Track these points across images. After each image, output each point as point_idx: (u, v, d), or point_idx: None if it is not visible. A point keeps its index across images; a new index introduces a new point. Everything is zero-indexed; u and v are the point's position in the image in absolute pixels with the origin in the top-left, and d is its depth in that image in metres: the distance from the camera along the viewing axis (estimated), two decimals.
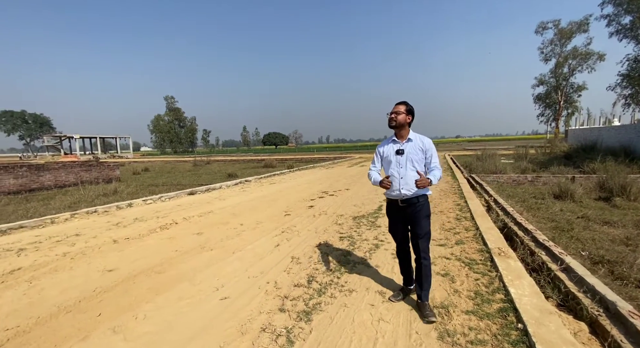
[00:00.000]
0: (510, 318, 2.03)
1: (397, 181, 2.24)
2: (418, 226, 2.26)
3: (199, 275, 3.09)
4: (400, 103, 2.28)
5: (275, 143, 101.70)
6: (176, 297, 2.65)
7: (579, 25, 30.41)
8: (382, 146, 2.41)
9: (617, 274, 3.15)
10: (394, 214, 2.39)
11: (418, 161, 2.24)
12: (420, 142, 2.28)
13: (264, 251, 3.73)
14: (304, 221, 5.14)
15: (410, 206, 2.25)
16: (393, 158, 2.29)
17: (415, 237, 2.30)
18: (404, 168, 2.24)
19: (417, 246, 2.28)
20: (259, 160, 24.92)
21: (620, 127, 15.85)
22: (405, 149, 2.25)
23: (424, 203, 2.27)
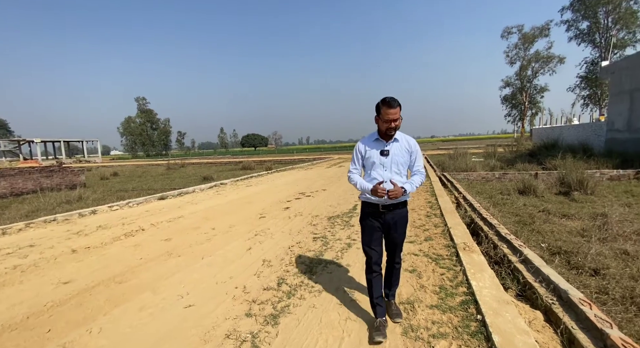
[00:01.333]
0: (471, 310, 2.09)
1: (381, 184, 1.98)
2: (398, 234, 2.07)
3: (163, 283, 2.95)
4: (395, 104, 1.89)
5: (255, 144, 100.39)
6: (137, 308, 2.51)
7: (541, 30, 32.47)
8: (364, 145, 2.08)
9: (572, 264, 3.34)
10: (372, 221, 2.07)
11: (403, 164, 2.02)
12: (407, 143, 2.04)
13: (235, 255, 3.62)
14: (278, 223, 5.06)
15: (391, 213, 2.02)
16: (377, 159, 2.00)
17: (393, 245, 2.12)
18: (388, 171, 1.99)
19: (394, 253, 2.14)
20: (237, 162, 24.44)
21: (579, 126, 17.03)
22: (390, 150, 2.00)
23: (405, 209, 2.10)
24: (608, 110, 13.50)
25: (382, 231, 2.08)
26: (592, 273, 3.12)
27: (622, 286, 2.70)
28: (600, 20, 25.88)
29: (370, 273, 2.10)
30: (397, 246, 2.12)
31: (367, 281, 2.13)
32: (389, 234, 2.09)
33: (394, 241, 2.11)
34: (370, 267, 2.10)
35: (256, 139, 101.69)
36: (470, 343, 1.80)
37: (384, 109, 1.90)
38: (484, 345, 1.77)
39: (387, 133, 1.97)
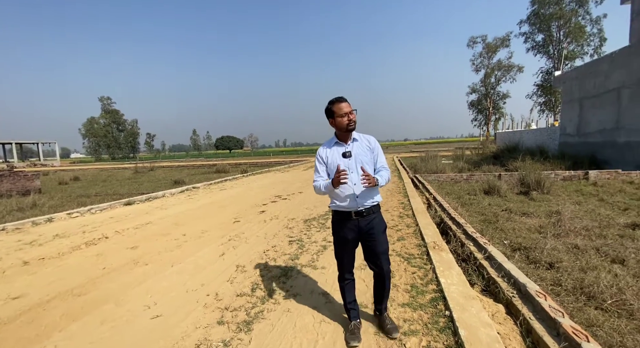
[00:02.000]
0: (440, 306, 2.18)
1: (350, 190, 1.88)
2: (377, 243, 1.92)
3: (128, 293, 2.78)
4: (344, 99, 1.90)
5: (229, 147, 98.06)
6: (97, 321, 2.34)
7: (502, 40, 34.83)
8: (324, 151, 1.99)
9: (531, 259, 3.59)
10: (345, 231, 1.94)
11: (368, 163, 1.93)
12: (366, 140, 1.98)
13: (207, 261, 3.50)
14: (253, 227, 4.97)
15: (365, 219, 1.90)
16: (340, 163, 1.90)
17: (375, 255, 1.95)
18: (355, 173, 1.88)
19: (379, 264, 1.96)
20: (211, 165, 23.73)
21: (537, 131, 18.41)
22: (352, 151, 1.91)
23: (380, 213, 1.99)
24: (561, 116, 14.72)
25: (357, 241, 1.99)
26: (547, 266, 3.36)
27: (573, 278, 2.93)
28: (553, 34, 28.27)
29: (342, 281, 2.08)
30: (379, 256, 1.94)
31: (340, 288, 2.12)
32: (367, 244, 1.96)
33: (374, 251, 1.94)
34: (342, 275, 2.08)
35: (231, 141, 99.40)
36: (439, 339, 1.88)
37: (335, 106, 1.89)
38: (451, 339, 1.85)
39: (348, 128, 1.88)
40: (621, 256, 3.33)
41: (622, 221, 4.71)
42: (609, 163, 10.66)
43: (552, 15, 27.05)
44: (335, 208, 1.99)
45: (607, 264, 3.18)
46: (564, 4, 26.67)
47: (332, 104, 1.92)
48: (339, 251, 2.05)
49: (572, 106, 13.24)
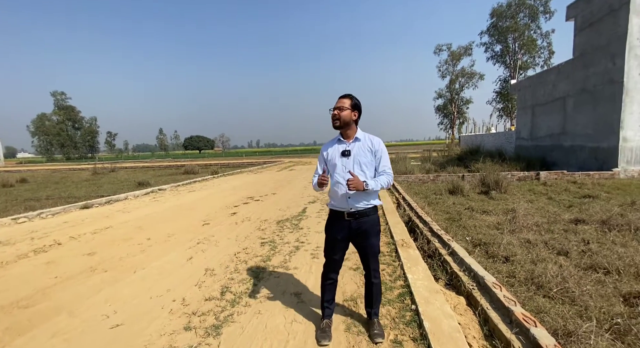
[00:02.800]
0: (407, 301, 2.28)
1: (344, 189, 1.84)
2: (368, 245, 1.92)
3: (84, 303, 2.58)
4: (344, 96, 1.90)
5: (199, 147, 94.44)
6: (48, 335, 2.15)
7: (465, 49, 37.05)
8: (327, 147, 2.01)
9: (490, 253, 3.85)
10: (336, 230, 1.95)
11: (367, 164, 1.89)
12: (369, 142, 1.93)
13: (174, 266, 3.35)
14: (224, 229, 4.84)
15: (358, 221, 1.88)
16: (338, 161, 1.91)
17: (365, 257, 1.98)
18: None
19: (368, 267, 1.99)
20: (179, 166, 22.71)
21: (496, 135, 19.80)
22: (352, 150, 1.90)
23: (376, 216, 1.94)
24: (516, 121, 15.96)
25: (347, 242, 1.98)
26: (504, 260, 3.63)
27: (526, 270, 3.19)
28: (509, 45, 30.63)
29: (324, 280, 2.08)
30: (369, 258, 1.95)
31: (321, 286, 2.11)
32: (359, 245, 1.96)
33: (365, 252, 1.96)
34: (326, 274, 2.07)
35: (201, 141, 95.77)
36: (406, 332, 1.96)
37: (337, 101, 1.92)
38: (417, 331, 1.94)
39: (333, 122, 1.89)
40: (565, 249, 3.68)
41: (567, 217, 5.20)
42: (556, 164, 11.73)
43: (509, 28, 29.32)
44: (330, 207, 2.00)
45: (553, 256, 3.50)
46: (518, 18, 29.01)
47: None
48: (328, 249, 2.04)
49: (525, 112, 14.41)
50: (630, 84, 8.57)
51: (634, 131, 8.81)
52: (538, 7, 28.13)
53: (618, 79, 8.77)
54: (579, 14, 10.39)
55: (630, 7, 8.32)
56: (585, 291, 2.61)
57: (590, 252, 3.50)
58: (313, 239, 4.05)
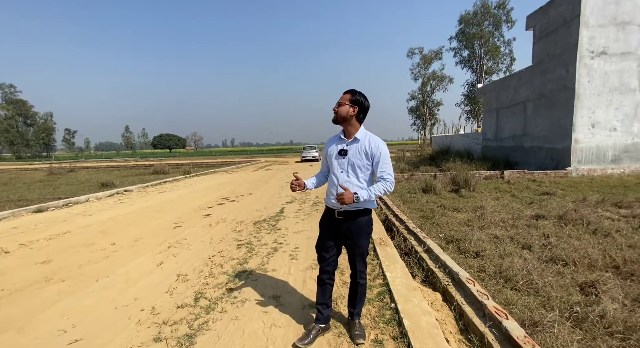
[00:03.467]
0: (386, 299, 2.30)
1: (335, 189, 1.82)
2: (355, 245, 1.90)
3: (37, 317, 2.34)
4: (347, 91, 1.86)
5: (170, 146, 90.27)
6: None
7: (436, 53, 38.60)
8: (329, 143, 1.97)
9: (462, 249, 4.01)
10: (326, 226, 1.95)
11: (361, 167, 1.83)
12: (367, 144, 1.84)
13: (142, 273, 3.14)
14: (197, 232, 4.63)
15: (347, 221, 1.86)
16: (335, 159, 1.88)
17: (351, 256, 1.96)
18: (344, 173, 1.85)
19: (354, 268, 1.96)
20: (147, 166, 21.55)
21: (464, 135, 20.83)
22: (348, 151, 1.85)
23: (366, 219, 1.89)
24: (482, 123, 16.89)
25: (338, 240, 1.95)
26: (474, 255, 3.79)
27: (494, 264, 3.36)
28: (476, 51, 32.33)
29: (319, 280, 2.03)
30: (354, 258, 1.93)
31: (317, 287, 2.06)
32: (347, 245, 1.95)
33: (352, 252, 1.94)
34: (320, 275, 2.02)
35: (171, 140, 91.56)
36: (386, 330, 1.97)
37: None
38: (397, 330, 1.96)
39: (333, 117, 1.87)
40: (529, 243, 3.92)
41: (529, 213, 5.56)
42: (518, 164, 12.56)
43: (475, 35, 30.95)
44: (325, 204, 2.00)
45: (518, 250, 3.71)
46: (484, 26, 30.71)
47: None
48: (319, 246, 2.02)
49: (491, 115, 15.28)
50: (580, 90, 9.36)
51: (584, 134, 9.62)
52: (501, 16, 29.95)
53: (570, 86, 9.54)
54: (537, 24, 11.18)
55: (581, 19, 9.08)
56: (547, 282, 2.79)
57: (550, 246, 3.75)
58: (291, 240, 3.98)
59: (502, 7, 29.84)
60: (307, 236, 4.08)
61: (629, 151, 9.50)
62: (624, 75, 9.17)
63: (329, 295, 2.02)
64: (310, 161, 22.38)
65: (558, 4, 10.04)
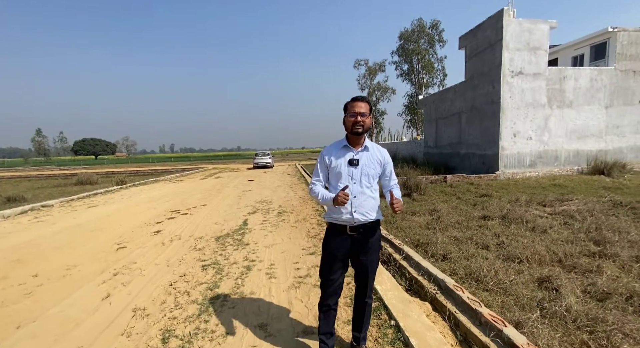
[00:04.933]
0: (384, 316, 2.22)
1: (349, 201, 1.68)
2: (370, 261, 1.77)
3: None
4: (361, 100, 1.74)
5: (96, 152, 79.27)
6: None
7: (380, 65, 41.24)
8: (330, 153, 1.81)
9: (429, 252, 4.19)
10: (337, 245, 1.76)
11: (374, 176, 1.78)
12: (378, 152, 1.81)
13: (84, 311, 2.56)
14: (148, 253, 4.01)
15: (362, 235, 1.74)
16: (344, 170, 1.74)
17: (364, 276, 1.80)
18: (357, 184, 1.73)
19: (365, 286, 1.81)
20: (68, 175, 18.49)
21: (407, 143, 22.49)
22: (360, 160, 1.74)
23: (379, 231, 1.82)
24: (424, 132, 18.45)
25: (347, 260, 1.81)
26: (442, 258, 3.99)
27: (463, 266, 3.57)
28: (414, 65, 35.44)
29: (321, 308, 1.84)
30: (367, 277, 1.80)
31: (318, 315, 1.87)
32: (359, 261, 1.78)
33: (364, 271, 1.79)
34: (323, 300, 1.82)
35: (98, 145, 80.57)
36: None
37: (351, 103, 1.74)
38: None
39: (352, 130, 1.71)
40: (486, 243, 4.28)
41: (477, 214, 6.13)
42: (456, 169, 13.95)
43: (413, 51, 33.96)
44: (329, 220, 1.79)
45: (479, 251, 4.02)
46: (420, 43, 33.90)
47: (350, 100, 1.77)
48: (326, 270, 1.80)
49: (431, 124, 16.77)
50: (504, 104, 10.82)
51: (508, 142, 11.12)
52: (434, 36, 33.44)
53: (496, 100, 10.97)
54: (468, 44, 12.68)
55: (503, 43, 10.56)
56: (512, 281, 3.04)
57: (504, 244, 4.14)
58: (264, 255, 3.69)
59: (435, 28, 33.33)
60: (281, 250, 3.83)
61: (541, 157, 11.25)
62: (536, 92, 10.88)
63: (333, 322, 1.87)
64: (263, 168, 21.71)
65: (484, 28, 11.52)
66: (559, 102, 11.00)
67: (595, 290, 2.73)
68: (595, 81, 11.13)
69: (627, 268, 3.20)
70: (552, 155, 11.27)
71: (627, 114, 11.54)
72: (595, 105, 11.26)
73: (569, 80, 10.98)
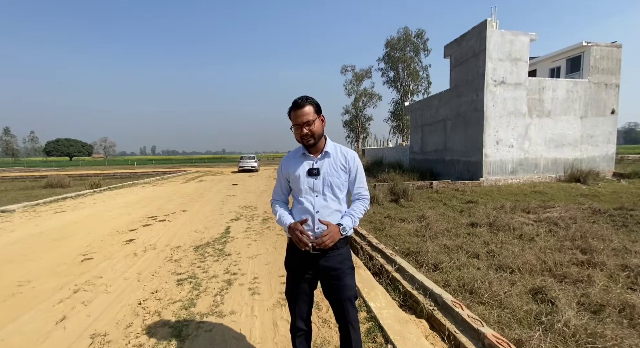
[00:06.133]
0: (379, 339, 2.02)
1: (311, 219, 1.48)
2: (341, 285, 1.50)
3: None
4: (302, 104, 1.47)
5: (70, 153, 75.50)
6: None
7: (366, 72, 41.76)
8: (288, 163, 1.61)
9: (420, 261, 4.04)
10: (298, 266, 1.55)
11: (340, 186, 1.54)
12: (342, 157, 1.58)
13: (29, 338, 2.19)
14: (118, 264, 3.64)
15: (326, 255, 1.49)
16: (304, 182, 1.52)
17: (338, 302, 1.53)
18: (320, 197, 1.51)
19: (343, 316, 1.53)
20: (37, 177, 17.33)
21: (393, 149, 22.67)
22: (320, 169, 1.53)
23: (346, 249, 1.57)
24: (410, 138, 18.64)
25: (315, 280, 1.58)
26: (434, 268, 3.85)
27: (455, 277, 3.43)
28: (400, 73, 36.09)
29: (294, 332, 1.62)
30: (344, 305, 1.52)
31: (292, 342, 1.65)
32: (330, 287, 1.54)
33: (338, 299, 1.52)
34: (293, 324, 1.61)
35: (73, 146, 76.74)
36: None
37: (292, 113, 1.49)
38: None
39: (303, 142, 1.51)
40: (476, 252, 4.18)
41: (464, 221, 6.09)
42: (440, 175, 14.10)
43: (399, 59, 34.61)
44: (290, 237, 1.54)
45: (470, 260, 3.91)
46: (406, 51, 34.61)
47: (290, 107, 1.50)
48: (290, 291, 1.60)
49: (417, 130, 16.97)
50: (488, 112, 11.05)
51: (491, 149, 11.34)
52: (419, 44, 34.25)
53: (480, 108, 11.19)
54: (453, 53, 12.93)
55: (486, 53, 10.81)
56: (507, 293, 2.92)
57: (494, 253, 4.06)
58: (247, 268, 3.40)
59: (420, 37, 34.15)
60: (266, 262, 3.56)
61: (522, 164, 11.53)
62: (517, 101, 11.19)
63: (308, 346, 1.67)
64: (249, 171, 21.22)
65: (469, 38, 11.78)
66: (538, 111, 11.35)
67: (589, 302, 2.65)
68: (571, 92, 11.59)
69: (614, 277, 3.17)
70: (532, 163, 11.58)
71: (600, 124, 12.07)
72: (572, 115, 11.71)
73: (548, 91, 11.38)
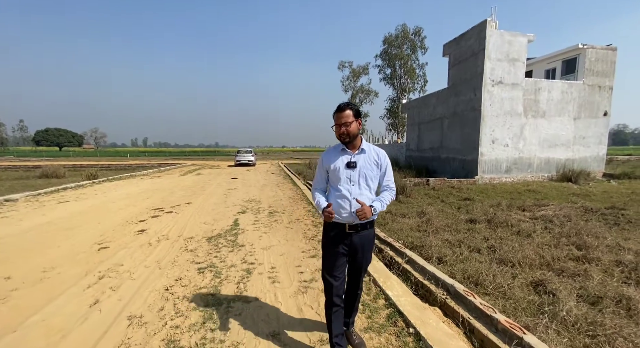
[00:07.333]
0: (400, 324, 2.20)
1: (348, 203, 1.79)
2: (364, 258, 1.90)
3: None
4: (344, 108, 1.80)
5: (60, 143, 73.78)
6: None
7: (363, 68, 41.70)
8: (328, 157, 1.92)
9: (424, 255, 4.25)
10: (336, 243, 1.85)
11: (372, 178, 1.86)
12: (375, 154, 1.90)
13: (70, 319, 2.32)
14: (135, 253, 3.74)
15: (358, 234, 1.84)
16: (342, 173, 1.83)
17: (357, 271, 1.93)
18: (356, 186, 1.82)
19: (357, 280, 1.96)
20: (30, 167, 17.03)
21: (391, 146, 22.91)
22: (357, 162, 1.83)
23: (373, 230, 1.95)
24: (406, 135, 18.87)
25: (347, 256, 1.88)
26: (438, 261, 4.06)
27: (460, 270, 3.64)
28: (397, 70, 36.19)
29: (330, 308, 1.84)
30: (361, 272, 1.95)
31: (326, 317, 1.88)
32: (355, 258, 1.89)
33: (358, 267, 1.92)
34: (330, 300, 1.84)
35: (63, 136, 74.96)
36: None
37: (335, 114, 1.82)
38: None
39: (341, 139, 1.83)
40: (477, 247, 4.41)
41: (463, 218, 6.32)
42: (436, 172, 14.39)
43: (396, 56, 34.66)
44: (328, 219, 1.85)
45: (472, 254, 4.13)
46: (403, 48, 34.67)
47: (335, 109, 1.84)
48: (329, 268, 1.87)
49: (413, 128, 17.19)
50: (485, 112, 11.30)
51: (487, 148, 11.63)
52: (417, 42, 34.33)
53: (477, 107, 11.43)
54: (452, 52, 13.10)
55: (485, 53, 11.01)
56: (510, 285, 3.14)
57: (494, 248, 4.28)
58: (263, 258, 3.55)
59: (417, 35, 34.20)
60: (280, 253, 3.71)
61: (516, 163, 11.86)
62: (514, 101, 11.45)
63: (342, 320, 1.91)
64: (245, 166, 21.19)
65: (468, 37, 11.95)
66: (533, 112, 11.65)
67: (588, 294, 2.88)
68: (566, 93, 11.91)
69: (609, 272, 3.41)
70: (526, 162, 11.92)
71: (592, 126, 12.46)
72: (565, 116, 12.05)
73: (543, 92, 11.67)
